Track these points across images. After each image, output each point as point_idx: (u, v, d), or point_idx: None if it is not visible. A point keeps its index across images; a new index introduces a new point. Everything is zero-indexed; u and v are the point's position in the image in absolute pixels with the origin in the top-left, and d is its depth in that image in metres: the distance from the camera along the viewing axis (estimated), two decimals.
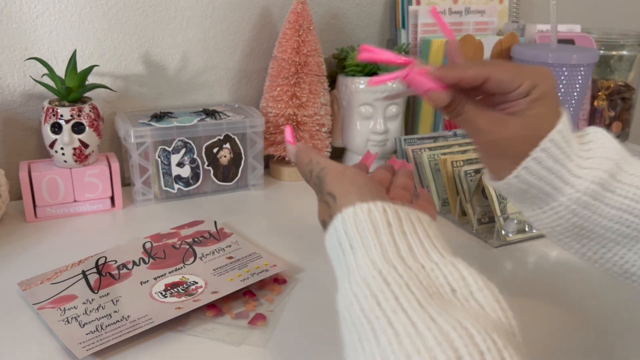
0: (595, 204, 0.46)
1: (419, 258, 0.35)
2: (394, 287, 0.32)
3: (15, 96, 0.83)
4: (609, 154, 0.47)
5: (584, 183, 0.46)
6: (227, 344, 0.52)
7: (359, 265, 0.35)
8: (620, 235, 0.47)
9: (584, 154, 0.47)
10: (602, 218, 0.46)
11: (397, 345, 0.29)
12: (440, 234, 0.40)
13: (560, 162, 0.46)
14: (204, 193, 0.86)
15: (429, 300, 0.32)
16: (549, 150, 0.45)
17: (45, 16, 0.81)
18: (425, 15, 0.98)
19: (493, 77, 0.45)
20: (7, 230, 0.74)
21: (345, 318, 0.34)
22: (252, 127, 0.85)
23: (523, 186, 0.47)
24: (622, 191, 0.46)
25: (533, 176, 0.46)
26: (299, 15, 0.86)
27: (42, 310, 0.55)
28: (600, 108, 1.07)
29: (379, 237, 0.36)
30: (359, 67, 0.91)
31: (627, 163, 0.47)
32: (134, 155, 0.79)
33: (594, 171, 0.46)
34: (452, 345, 0.28)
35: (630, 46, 1.07)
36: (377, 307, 0.32)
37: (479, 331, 0.29)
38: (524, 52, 0.90)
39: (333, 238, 0.39)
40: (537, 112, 0.45)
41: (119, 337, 0.51)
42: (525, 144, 0.45)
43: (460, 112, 0.47)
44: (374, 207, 0.38)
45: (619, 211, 0.46)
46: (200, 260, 0.64)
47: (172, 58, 0.91)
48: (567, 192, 0.46)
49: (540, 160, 0.45)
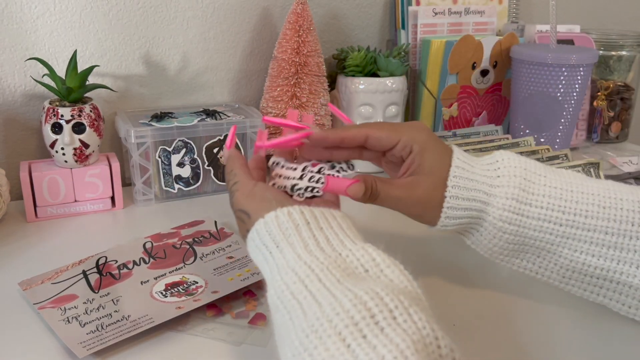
0: (517, 217, 0.51)
1: (335, 247, 0.41)
2: (317, 271, 0.38)
3: (16, 96, 0.83)
4: (515, 172, 0.51)
5: (500, 201, 0.51)
6: (227, 343, 0.52)
7: (287, 259, 0.41)
8: (547, 242, 0.52)
9: (493, 173, 0.52)
10: (527, 230, 0.51)
11: (320, 313, 0.35)
12: (352, 225, 0.45)
13: (473, 188, 0.52)
14: (204, 193, 0.86)
15: (346, 278, 0.38)
16: (458, 183, 0.51)
17: (46, 16, 0.82)
18: (425, 15, 0.98)
19: (371, 135, 0.52)
20: (7, 230, 0.74)
21: (277, 305, 0.39)
22: (252, 127, 0.85)
23: (455, 222, 0.53)
24: (537, 202, 0.51)
25: (457, 211, 0.52)
26: (299, 15, 0.86)
27: (42, 310, 0.55)
28: (599, 108, 1.07)
29: (301, 234, 0.42)
30: (359, 68, 0.91)
31: (538, 176, 0.52)
32: (135, 155, 0.79)
33: (504, 189, 0.51)
34: (366, 306, 0.34)
35: (629, 46, 1.07)
36: (304, 289, 0.37)
37: (387, 294, 0.35)
38: (523, 52, 0.90)
39: (257, 244, 0.44)
40: (430, 161, 0.52)
41: (119, 337, 0.51)
42: (438, 191, 0.51)
43: (376, 194, 0.51)
44: (292, 210, 0.44)
45: (539, 221, 0.51)
46: (201, 260, 0.65)
47: (173, 58, 0.91)
48: (490, 212, 0.51)
49: (456, 196, 0.51)
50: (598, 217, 0.50)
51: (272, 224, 0.44)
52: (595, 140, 1.10)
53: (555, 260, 0.53)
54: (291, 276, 0.39)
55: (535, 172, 0.52)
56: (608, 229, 0.50)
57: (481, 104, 1.01)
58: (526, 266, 0.55)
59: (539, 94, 0.90)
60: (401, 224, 0.77)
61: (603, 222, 0.50)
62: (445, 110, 0.98)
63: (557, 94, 0.89)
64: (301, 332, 0.35)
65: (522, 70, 0.91)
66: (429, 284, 0.63)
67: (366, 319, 0.33)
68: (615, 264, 0.50)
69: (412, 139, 0.52)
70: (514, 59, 0.93)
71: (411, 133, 0.52)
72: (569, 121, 0.92)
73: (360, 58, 0.91)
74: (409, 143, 0.52)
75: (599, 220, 0.50)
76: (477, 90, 1.00)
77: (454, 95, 0.98)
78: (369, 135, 0.52)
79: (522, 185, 0.51)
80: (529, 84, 0.90)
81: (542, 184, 0.51)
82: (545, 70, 0.88)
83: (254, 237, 0.45)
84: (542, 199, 0.51)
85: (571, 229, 0.50)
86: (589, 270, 0.52)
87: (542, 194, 0.51)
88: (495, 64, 0.98)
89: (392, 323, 0.33)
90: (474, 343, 0.53)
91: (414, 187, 0.52)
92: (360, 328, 0.33)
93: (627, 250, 0.50)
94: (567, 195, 0.51)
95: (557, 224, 0.51)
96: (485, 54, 0.96)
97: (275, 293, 0.40)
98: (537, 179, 0.52)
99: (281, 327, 0.38)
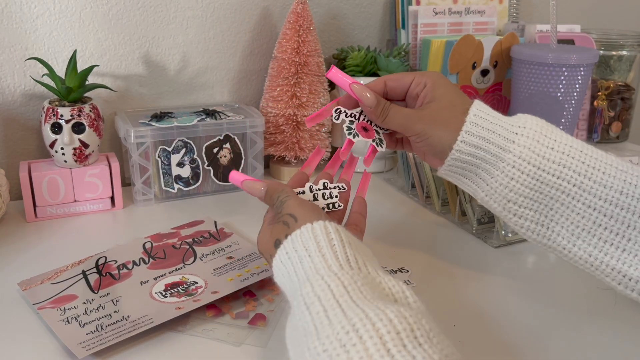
0: (538, 159, 0.51)
1: (370, 272, 0.43)
2: (359, 284, 0.40)
3: (15, 96, 0.83)
4: (537, 125, 0.53)
5: (522, 139, 0.52)
6: (227, 344, 0.52)
7: (329, 264, 0.42)
8: (563, 192, 0.52)
9: (514, 122, 0.53)
10: (546, 174, 0.52)
11: (363, 315, 0.36)
12: (374, 258, 0.47)
13: (492, 131, 0.53)
14: (204, 193, 0.86)
15: (385, 297, 0.40)
16: (477, 121, 0.53)
17: (46, 16, 0.81)
18: (425, 15, 0.98)
19: (389, 78, 0.58)
20: (7, 230, 0.74)
21: (300, 306, 0.40)
22: (252, 127, 0.85)
23: (466, 158, 0.54)
24: (559, 148, 0.52)
25: (476, 139, 0.53)
26: (299, 15, 0.86)
27: (42, 310, 0.55)
28: (600, 108, 1.07)
29: (344, 248, 0.44)
30: (359, 67, 0.91)
31: (559, 133, 0.53)
32: (134, 155, 0.79)
33: (527, 130, 0.52)
34: (407, 321, 0.35)
35: (629, 46, 1.07)
36: (346, 293, 0.39)
37: (423, 316, 0.37)
38: (523, 52, 0.90)
39: (296, 245, 0.45)
40: (442, 91, 0.55)
41: (119, 337, 0.51)
42: (454, 115, 0.54)
43: (386, 113, 0.56)
44: (340, 228, 0.46)
45: (559, 166, 0.51)
46: (200, 260, 0.64)
47: (173, 58, 0.91)
48: (511, 149, 0.52)
49: (477, 123, 0.53)
50: (615, 176, 0.51)
51: (320, 230, 0.45)
52: (596, 140, 1.10)
53: (568, 214, 0.52)
54: (334, 279, 0.40)
55: (557, 132, 0.53)
56: (624, 189, 0.50)
57: None
58: (538, 219, 0.54)
59: (539, 94, 0.90)
60: (403, 225, 0.77)
61: (619, 183, 0.50)
62: None
63: (557, 94, 0.89)
64: (340, 327, 0.35)
65: (522, 70, 0.91)
66: (428, 284, 0.63)
67: (407, 331, 0.34)
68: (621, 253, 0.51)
69: (425, 76, 0.56)
70: (515, 58, 0.92)
71: (424, 73, 0.57)
72: (569, 121, 0.92)
73: (360, 58, 0.91)
74: (422, 79, 0.56)
75: (615, 180, 0.51)
76: (477, 90, 0.99)
77: None
78: (386, 80, 0.57)
79: (546, 131, 0.52)
80: (529, 83, 0.90)
81: (562, 142, 0.52)
82: (545, 70, 0.88)
83: (296, 238, 0.46)
84: (564, 147, 0.52)
85: (589, 181, 0.51)
86: (597, 232, 0.52)
87: (565, 142, 0.52)
88: (495, 64, 0.98)
89: (429, 341, 0.35)
90: (474, 343, 0.53)
91: (425, 107, 0.55)
92: (402, 337, 0.34)
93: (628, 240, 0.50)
94: (587, 151, 0.52)
95: (576, 173, 0.51)
96: (486, 53, 0.96)
97: (312, 290, 0.40)
98: (559, 135, 0.53)
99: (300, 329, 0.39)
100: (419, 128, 0.55)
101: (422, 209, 0.82)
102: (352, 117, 0.59)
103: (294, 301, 0.42)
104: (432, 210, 0.81)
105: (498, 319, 0.56)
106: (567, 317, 0.57)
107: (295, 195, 0.51)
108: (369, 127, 0.59)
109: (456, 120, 0.53)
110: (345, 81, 0.56)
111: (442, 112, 0.54)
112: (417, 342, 0.34)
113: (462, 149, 0.53)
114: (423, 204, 0.83)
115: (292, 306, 0.43)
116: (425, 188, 0.83)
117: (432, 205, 0.81)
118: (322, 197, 0.56)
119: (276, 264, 0.47)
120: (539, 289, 0.62)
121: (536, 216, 0.53)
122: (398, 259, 0.67)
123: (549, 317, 0.57)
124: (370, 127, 0.59)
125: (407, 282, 0.62)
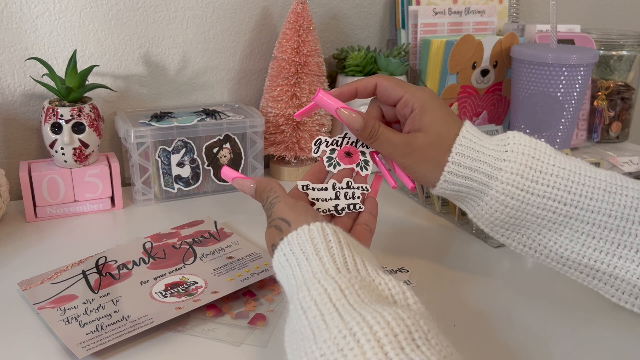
0: (522, 193, 0.51)
1: (370, 273, 0.43)
2: (357, 287, 0.40)
3: (15, 96, 0.83)
4: (523, 149, 0.52)
5: (505, 175, 0.52)
6: (227, 344, 0.52)
7: (326, 267, 0.42)
8: (549, 221, 0.52)
9: (501, 148, 0.53)
10: (530, 206, 0.52)
11: (360, 318, 0.36)
12: (373, 258, 0.46)
13: (478, 159, 0.53)
14: (204, 193, 0.86)
15: (384, 299, 0.40)
16: (463, 152, 0.53)
17: (46, 16, 0.81)
18: (425, 15, 0.98)
19: (380, 83, 0.55)
20: (7, 230, 0.74)
21: (297, 310, 0.40)
22: (252, 127, 0.85)
23: (454, 188, 0.54)
24: (544, 180, 0.51)
25: (458, 177, 0.53)
26: (299, 15, 0.86)
27: (42, 310, 0.55)
28: (600, 108, 1.07)
29: (342, 250, 0.44)
30: (359, 67, 0.91)
31: (547, 155, 0.52)
32: (134, 155, 0.79)
33: (511, 164, 0.52)
34: (405, 322, 0.35)
35: (629, 46, 1.07)
36: (343, 297, 0.39)
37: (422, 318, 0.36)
38: (523, 52, 0.90)
39: (293, 248, 0.45)
40: (430, 120, 0.53)
41: (119, 337, 0.51)
42: (439, 152, 0.53)
43: (376, 135, 0.54)
44: (337, 230, 0.46)
45: (544, 199, 0.51)
46: (200, 260, 0.64)
47: (173, 58, 0.91)
48: (493, 186, 0.52)
49: (459, 162, 0.53)
50: (603, 200, 0.51)
51: (317, 232, 0.45)
52: (596, 140, 1.10)
53: (555, 239, 0.53)
54: (330, 282, 0.40)
55: (545, 152, 0.53)
56: (612, 212, 0.50)
57: (481, 103, 1.01)
58: (525, 242, 0.55)
59: (539, 94, 0.90)
60: (403, 225, 0.77)
61: (607, 206, 0.50)
62: None
63: (557, 94, 0.89)
64: (337, 332, 0.35)
65: (522, 70, 0.91)
66: (428, 284, 0.63)
67: (404, 334, 0.34)
68: (611, 258, 0.51)
69: (414, 97, 0.54)
70: (515, 58, 0.92)
71: (415, 92, 0.54)
72: (569, 121, 0.92)
73: (360, 58, 0.91)
74: (411, 101, 0.54)
75: (603, 204, 0.51)
76: (477, 90, 0.99)
77: (454, 95, 0.98)
78: (378, 83, 0.56)
79: (530, 162, 0.52)
80: (529, 83, 0.90)
81: (550, 163, 0.52)
82: (545, 70, 0.88)
83: (292, 241, 0.45)
84: (549, 177, 0.51)
85: (575, 209, 0.51)
86: (586, 255, 0.52)
87: (550, 172, 0.51)
88: (495, 64, 0.98)
89: (427, 343, 0.35)
90: (474, 343, 0.53)
91: (412, 139, 0.54)
92: (399, 340, 0.34)
93: (624, 247, 0.51)
94: (574, 177, 0.51)
95: (562, 203, 0.51)
96: (486, 53, 0.96)
97: (309, 294, 0.40)
98: (546, 158, 0.52)
99: (298, 332, 0.39)
100: (405, 162, 0.55)
101: (422, 209, 0.82)
102: (334, 145, 0.58)
103: (291, 304, 0.42)
104: (432, 210, 0.81)
105: (498, 318, 0.56)
106: (567, 317, 0.57)
107: (284, 196, 0.51)
108: (353, 151, 0.58)
109: (441, 158, 0.53)
110: (332, 105, 0.55)
111: (427, 149, 0.53)
112: (415, 345, 0.34)
113: (445, 186, 0.54)
114: (423, 204, 0.83)
115: (289, 309, 0.42)
116: (425, 188, 0.83)
117: (432, 205, 0.81)
118: (344, 196, 0.56)
119: (275, 266, 0.47)
120: (538, 289, 0.62)
121: (523, 239, 0.55)
122: (398, 259, 0.67)
123: (548, 317, 0.57)
124: (355, 150, 0.58)
125: (407, 282, 0.62)
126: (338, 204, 0.55)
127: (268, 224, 0.50)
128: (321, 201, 0.55)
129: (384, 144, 0.55)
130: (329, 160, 0.58)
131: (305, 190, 0.55)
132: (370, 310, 0.36)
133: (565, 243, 0.53)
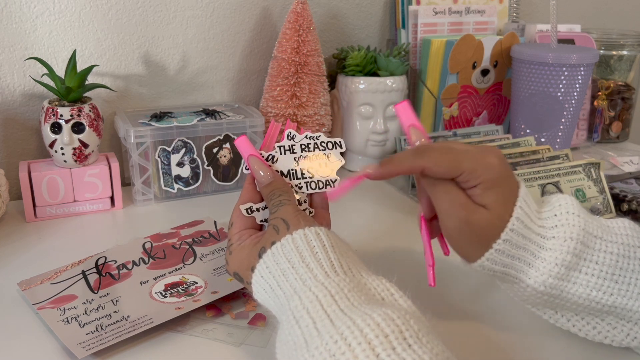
0: (562, 284, 0.46)
1: (355, 275, 0.42)
2: (345, 290, 0.39)
3: (15, 96, 0.83)
4: (571, 232, 0.46)
5: (548, 266, 0.46)
6: (227, 344, 0.52)
7: (326, 270, 0.42)
8: (591, 309, 0.48)
9: (547, 233, 0.46)
10: (571, 295, 0.47)
11: (351, 322, 0.36)
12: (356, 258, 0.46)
13: (523, 247, 0.46)
14: (204, 193, 0.86)
15: (371, 299, 0.39)
16: (510, 240, 0.46)
17: (45, 16, 0.81)
18: (425, 14, 0.98)
19: (428, 169, 0.46)
20: (7, 230, 0.74)
21: (290, 320, 0.40)
22: (252, 127, 0.85)
23: (491, 271, 0.48)
24: (588, 269, 0.46)
25: (498, 264, 0.47)
26: (299, 15, 0.86)
27: (42, 310, 0.55)
28: (600, 108, 1.07)
29: (336, 254, 0.43)
30: (359, 67, 0.91)
31: (595, 238, 0.46)
32: (134, 155, 0.79)
33: (555, 253, 0.46)
34: (395, 322, 0.35)
35: (630, 46, 1.07)
36: (334, 303, 0.39)
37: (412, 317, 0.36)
38: (524, 52, 0.90)
39: (288, 250, 0.44)
40: (492, 199, 0.45)
41: (118, 337, 0.51)
42: (491, 230, 0.46)
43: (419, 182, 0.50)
44: (330, 233, 0.45)
45: (587, 289, 0.46)
46: (200, 260, 0.64)
47: (172, 58, 0.91)
48: (532, 276, 0.47)
49: (503, 250, 0.46)
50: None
51: (301, 240, 0.44)
52: (596, 140, 1.10)
53: (596, 323, 0.49)
54: (321, 289, 0.40)
55: (593, 234, 0.46)
56: None
57: (482, 103, 1.01)
58: (560, 320, 0.51)
59: (539, 94, 0.90)
60: (403, 225, 0.77)
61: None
62: (445, 110, 0.98)
63: (557, 94, 0.89)
64: (329, 337, 0.35)
65: (522, 70, 0.91)
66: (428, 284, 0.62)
67: (395, 334, 0.34)
68: None
69: (473, 172, 0.45)
70: (515, 58, 0.92)
71: (474, 166, 0.45)
72: (569, 121, 0.92)
73: (360, 57, 0.91)
74: (470, 177, 0.46)
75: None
76: (477, 89, 0.99)
77: (454, 95, 0.98)
78: (424, 168, 0.46)
79: (576, 250, 0.45)
80: (529, 83, 0.90)
81: (597, 248, 0.46)
82: (545, 70, 0.88)
83: (287, 243, 0.44)
84: (595, 266, 0.45)
85: (623, 298, 0.46)
86: (630, 345, 0.49)
87: (596, 260, 0.46)
88: (495, 64, 0.98)
89: (418, 342, 0.35)
90: (472, 343, 0.53)
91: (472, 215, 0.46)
92: (390, 340, 0.34)
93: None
94: (622, 263, 0.46)
95: (607, 294, 0.46)
96: (486, 53, 0.96)
97: (300, 303, 0.40)
98: (594, 243, 0.46)
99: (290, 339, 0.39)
100: (456, 237, 0.48)
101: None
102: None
103: (282, 315, 0.42)
104: None
105: (497, 318, 0.56)
106: None
107: (294, 201, 0.50)
108: None
109: (491, 240, 0.46)
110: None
111: (482, 229, 0.46)
112: (406, 344, 0.34)
113: (481, 268, 0.48)
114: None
115: (280, 321, 0.42)
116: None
117: None
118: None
119: (256, 280, 0.45)
120: None
121: (558, 316, 0.51)
122: (397, 259, 0.67)
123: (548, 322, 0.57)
124: None
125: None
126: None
127: (267, 225, 0.50)
128: None
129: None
130: None
131: (250, 213, 0.52)
132: (360, 314, 0.36)
133: (606, 330, 0.49)
